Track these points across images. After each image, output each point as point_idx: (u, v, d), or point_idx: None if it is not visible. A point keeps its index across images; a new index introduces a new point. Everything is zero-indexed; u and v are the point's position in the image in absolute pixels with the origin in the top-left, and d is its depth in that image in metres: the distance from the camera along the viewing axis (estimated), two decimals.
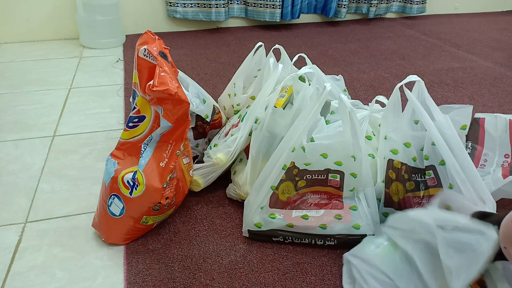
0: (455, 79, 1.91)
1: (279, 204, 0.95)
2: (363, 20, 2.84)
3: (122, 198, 0.90)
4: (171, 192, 0.94)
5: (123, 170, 0.90)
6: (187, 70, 1.90)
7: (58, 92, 1.68)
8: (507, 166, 1.08)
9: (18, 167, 1.21)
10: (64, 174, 1.18)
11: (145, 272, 0.88)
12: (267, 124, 0.99)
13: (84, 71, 1.89)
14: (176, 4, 2.36)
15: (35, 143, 1.33)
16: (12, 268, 0.89)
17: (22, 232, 0.98)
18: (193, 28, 2.53)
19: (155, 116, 0.91)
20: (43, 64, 1.97)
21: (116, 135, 1.37)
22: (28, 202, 1.07)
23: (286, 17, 2.53)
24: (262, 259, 0.91)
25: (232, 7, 2.52)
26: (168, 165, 0.91)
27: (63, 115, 1.51)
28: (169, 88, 0.83)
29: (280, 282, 0.86)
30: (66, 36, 2.31)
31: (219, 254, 0.92)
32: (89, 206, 1.05)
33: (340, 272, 0.88)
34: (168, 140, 0.92)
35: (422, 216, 0.72)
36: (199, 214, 1.04)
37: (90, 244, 0.95)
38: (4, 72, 1.87)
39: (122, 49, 2.17)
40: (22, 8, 2.18)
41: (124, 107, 1.56)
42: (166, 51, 0.94)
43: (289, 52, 1.19)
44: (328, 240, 0.93)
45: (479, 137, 1.13)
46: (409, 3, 2.83)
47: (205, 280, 0.86)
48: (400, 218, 0.79)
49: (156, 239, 0.96)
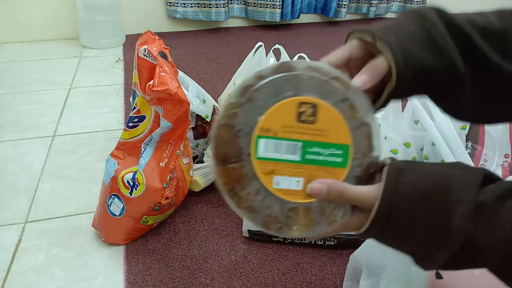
0: None
1: None
2: (363, 20, 2.84)
3: (122, 198, 0.90)
4: (171, 192, 0.93)
5: (123, 170, 0.90)
6: (187, 70, 1.90)
7: (58, 92, 1.68)
8: (507, 166, 1.08)
9: (18, 167, 1.21)
10: (64, 174, 1.18)
11: (145, 272, 0.88)
12: None
13: (84, 71, 1.89)
14: (176, 4, 2.36)
15: (35, 143, 1.33)
16: (12, 268, 0.89)
17: (22, 232, 0.98)
18: (193, 28, 2.53)
19: (155, 116, 0.91)
20: (43, 64, 1.97)
21: (116, 135, 1.37)
22: (28, 202, 1.07)
23: (286, 17, 2.53)
24: (262, 259, 0.91)
25: (232, 7, 2.52)
26: (168, 165, 0.91)
27: (63, 115, 1.51)
28: (169, 88, 0.83)
29: (280, 282, 0.86)
30: (66, 36, 2.31)
31: (219, 254, 0.92)
32: (89, 206, 1.05)
33: (340, 272, 0.88)
34: (168, 140, 0.92)
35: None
36: (199, 214, 1.04)
37: (90, 244, 0.95)
38: (3, 72, 1.87)
39: (122, 49, 2.17)
40: (22, 8, 2.18)
41: (124, 107, 1.56)
42: (166, 51, 0.94)
43: (289, 52, 1.19)
44: (328, 240, 0.93)
45: (479, 137, 1.13)
46: (409, 3, 2.83)
47: (205, 280, 0.86)
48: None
49: (156, 239, 0.96)
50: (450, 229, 0.35)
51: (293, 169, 0.38)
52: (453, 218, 0.34)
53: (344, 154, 0.38)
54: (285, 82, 0.38)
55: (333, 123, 0.38)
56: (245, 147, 0.37)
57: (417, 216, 0.36)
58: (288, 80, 0.39)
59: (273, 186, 0.37)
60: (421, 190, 0.36)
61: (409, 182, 0.36)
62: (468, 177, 0.36)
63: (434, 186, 0.36)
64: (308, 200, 0.38)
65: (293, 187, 0.38)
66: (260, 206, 0.38)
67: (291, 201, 0.38)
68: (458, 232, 0.34)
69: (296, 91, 0.38)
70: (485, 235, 0.34)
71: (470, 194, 0.35)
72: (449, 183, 0.36)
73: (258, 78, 0.39)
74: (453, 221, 0.34)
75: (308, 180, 0.38)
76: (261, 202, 0.38)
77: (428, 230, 0.36)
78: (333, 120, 0.38)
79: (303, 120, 0.38)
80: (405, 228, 0.36)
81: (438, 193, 0.36)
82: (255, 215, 0.38)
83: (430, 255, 0.36)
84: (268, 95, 0.38)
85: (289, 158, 0.38)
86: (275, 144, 0.38)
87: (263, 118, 0.38)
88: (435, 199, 0.35)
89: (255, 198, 0.38)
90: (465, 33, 0.40)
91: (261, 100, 0.38)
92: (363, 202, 0.37)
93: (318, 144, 0.38)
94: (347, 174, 0.38)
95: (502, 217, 0.34)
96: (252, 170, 0.37)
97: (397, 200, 0.36)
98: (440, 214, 0.35)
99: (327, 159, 0.38)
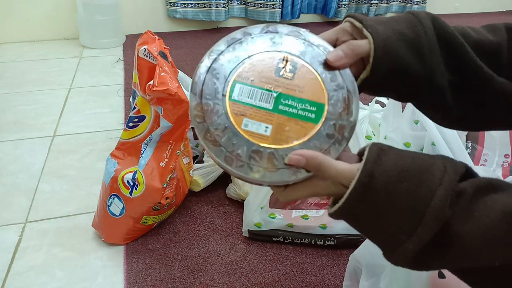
0: None
1: (279, 204, 0.95)
2: None
3: (122, 198, 0.90)
4: (171, 192, 0.94)
5: (123, 170, 0.90)
6: (187, 70, 1.90)
7: (58, 92, 1.68)
8: (507, 166, 1.08)
9: (18, 167, 1.21)
10: (64, 174, 1.18)
11: (145, 272, 0.88)
12: None
13: (84, 71, 1.89)
14: (176, 4, 2.36)
15: (35, 143, 1.33)
16: (12, 268, 0.89)
17: (22, 232, 0.98)
18: (193, 28, 2.53)
19: (155, 116, 0.91)
20: (43, 64, 1.97)
21: (116, 135, 1.37)
22: (28, 202, 1.07)
23: (286, 17, 2.53)
24: (262, 259, 0.91)
25: (232, 7, 2.52)
26: (168, 165, 0.91)
27: (63, 115, 1.51)
28: (169, 88, 0.83)
29: (280, 282, 0.86)
30: (66, 36, 2.31)
31: (219, 254, 0.92)
32: (89, 206, 1.05)
33: (340, 272, 0.88)
34: (168, 140, 0.92)
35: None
36: (199, 214, 1.04)
37: (90, 244, 0.95)
38: (4, 72, 1.87)
39: (122, 49, 2.17)
40: (22, 8, 2.18)
41: (124, 107, 1.56)
42: (166, 51, 0.94)
43: None
44: (328, 240, 0.93)
45: (479, 137, 1.13)
46: (409, 3, 2.83)
47: (205, 280, 0.86)
48: None
49: (156, 239, 0.96)
50: (426, 212, 0.33)
51: (263, 115, 0.39)
52: (432, 200, 0.33)
53: (318, 112, 0.39)
54: (269, 40, 0.41)
55: (311, 82, 0.40)
56: (221, 88, 0.39)
57: (394, 194, 0.35)
58: (272, 39, 0.42)
59: (242, 127, 0.39)
60: (401, 168, 0.35)
61: (391, 159, 0.36)
62: (451, 165, 0.36)
63: (416, 166, 0.35)
64: (274, 146, 0.38)
65: (261, 132, 0.39)
66: (226, 143, 0.38)
67: (256, 143, 0.38)
68: (434, 215, 0.33)
69: (278, 49, 0.41)
70: (460, 225, 0.33)
71: (451, 179, 0.34)
72: (431, 166, 0.35)
73: (245, 34, 0.42)
74: (432, 203, 0.33)
75: (277, 128, 0.39)
76: (227, 139, 0.38)
77: (404, 211, 0.34)
78: (311, 79, 0.40)
79: (281, 75, 0.40)
80: (380, 207, 0.35)
81: (419, 172, 0.35)
82: (219, 150, 0.38)
83: (400, 243, 0.35)
84: (250, 48, 0.41)
85: (261, 105, 0.39)
86: (250, 91, 0.39)
87: (242, 66, 0.40)
88: (416, 178, 0.35)
89: (222, 134, 0.39)
90: (457, 43, 0.40)
91: (243, 51, 0.41)
92: (341, 178, 0.37)
93: (293, 98, 0.39)
94: (318, 130, 0.39)
95: (480, 209, 0.33)
96: (224, 109, 0.39)
97: (377, 175, 0.35)
98: (417, 195, 0.34)
99: (300, 113, 0.39)
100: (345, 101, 0.40)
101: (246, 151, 0.38)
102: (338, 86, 0.40)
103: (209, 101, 0.39)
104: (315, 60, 0.41)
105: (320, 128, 0.39)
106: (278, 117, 0.39)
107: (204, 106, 0.39)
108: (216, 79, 0.40)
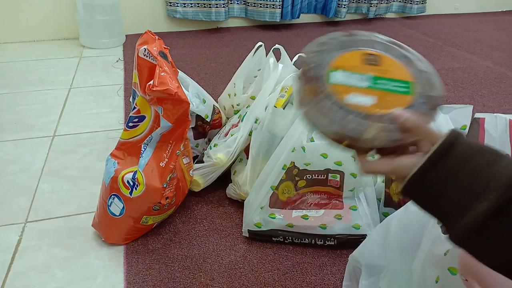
0: (455, 79, 1.91)
1: (279, 204, 0.95)
2: (363, 20, 2.84)
3: (122, 198, 0.90)
4: (171, 192, 0.94)
5: (123, 170, 0.90)
6: (187, 70, 1.90)
7: (58, 92, 1.68)
8: None
9: (18, 167, 1.21)
10: (64, 174, 1.18)
11: (145, 272, 0.88)
12: (267, 124, 0.99)
13: (84, 71, 1.89)
14: (176, 4, 2.36)
15: (35, 143, 1.33)
16: (12, 268, 0.89)
17: (22, 232, 0.98)
18: (193, 28, 2.53)
19: (155, 116, 0.91)
20: (43, 64, 1.97)
21: (116, 135, 1.37)
22: (28, 202, 1.07)
23: (286, 17, 2.53)
24: (262, 259, 0.91)
25: (232, 7, 2.52)
26: (168, 165, 0.91)
27: (63, 115, 1.51)
28: (169, 88, 0.83)
29: (280, 282, 0.86)
30: (66, 36, 2.31)
31: (219, 254, 0.92)
32: (89, 206, 1.05)
33: (340, 272, 0.88)
34: (168, 140, 0.92)
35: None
36: (199, 214, 1.04)
37: (90, 244, 0.95)
38: (4, 72, 1.87)
39: (122, 49, 2.17)
40: (22, 8, 2.18)
41: (124, 107, 1.57)
42: (166, 51, 0.94)
43: (289, 52, 1.19)
44: (328, 240, 0.93)
45: (479, 137, 1.13)
46: (409, 3, 2.83)
47: (205, 280, 0.86)
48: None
49: (156, 239, 0.96)
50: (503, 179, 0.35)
51: (364, 91, 0.44)
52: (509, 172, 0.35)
53: (409, 87, 0.45)
54: (351, 42, 0.49)
55: (395, 67, 0.47)
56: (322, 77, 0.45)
57: (474, 159, 0.37)
58: (353, 41, 0.49)
59: (346, 101, 0.43)
60: (478, 146, 0.39)
61: (468, 139, 0.40)
62: None
63: (489, 148, 0.39)
64: (382, 111, 0.43)
65: (364, 103, 0.44)
66: (335, 115, 0.43)
67: (365, 110, 0.43)
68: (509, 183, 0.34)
69: (360, 47, 0.48)
70: None
71: None
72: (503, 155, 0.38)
73: (329, 38, 0.49)
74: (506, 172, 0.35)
75: (380, 99, 0.44)
76: (334, 112, 0.43)
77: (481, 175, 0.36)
78: (395, 66, 0.47)
79: (369, 63, 0.47)
80: (454, 172, 0.37)
81: (492, 152, 0.38)
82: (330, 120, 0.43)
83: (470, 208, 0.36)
84: (337, 48, 0.48)
85: (360, 85, 0.45)
86: (348, 75, 0.46)
87: (335, 59, 0.47)
88: (495, 154, 0.38)
89: (331, 109, 0.43)
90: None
91: (332, 49, 0.48)
92: (431, 137, 0.41)
93: (385, 79, 0.46)
94: (413, 99, 0.44)
95: None
96: (326, 90, 0.44)
97: (462, 140, 0.39)
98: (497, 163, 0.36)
99: (395, 88, 0.45)
100: (428, 81, 0.46)
101: (356, 117, 0.43)
102: (420, 71, 0.47)
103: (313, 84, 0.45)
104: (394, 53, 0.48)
105: (414, 98, 0.44)
106: (377, 92, 0.44)
107: (308, 87, 0.45)
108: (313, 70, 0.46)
